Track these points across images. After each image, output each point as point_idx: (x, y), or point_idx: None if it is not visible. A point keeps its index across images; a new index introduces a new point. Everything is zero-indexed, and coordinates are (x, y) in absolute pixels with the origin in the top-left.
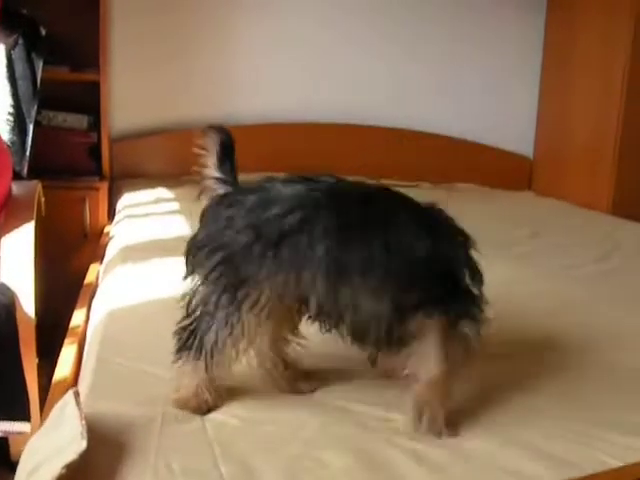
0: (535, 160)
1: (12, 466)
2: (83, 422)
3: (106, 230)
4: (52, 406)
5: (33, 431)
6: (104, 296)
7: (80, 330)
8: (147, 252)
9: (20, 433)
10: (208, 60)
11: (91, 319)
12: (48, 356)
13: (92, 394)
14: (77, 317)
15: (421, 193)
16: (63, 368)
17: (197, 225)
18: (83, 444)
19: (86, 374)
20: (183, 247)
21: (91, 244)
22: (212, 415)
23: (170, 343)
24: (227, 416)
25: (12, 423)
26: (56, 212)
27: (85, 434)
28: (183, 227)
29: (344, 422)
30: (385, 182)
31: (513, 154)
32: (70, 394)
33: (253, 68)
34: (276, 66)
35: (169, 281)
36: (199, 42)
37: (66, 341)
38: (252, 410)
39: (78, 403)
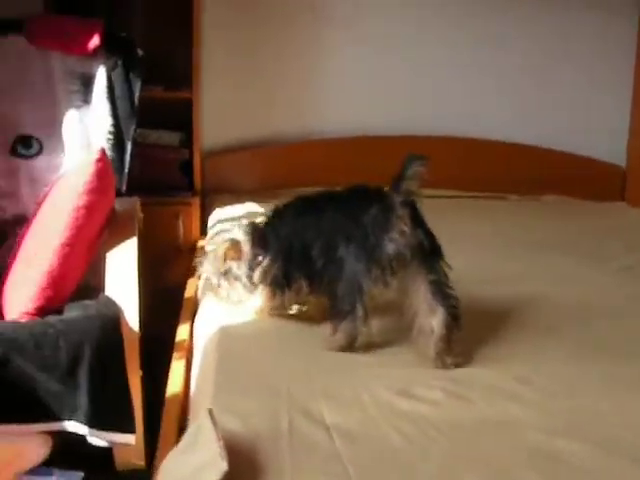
0: (628, 169)
1: (117, 476)
2: (221, 442)
3: (199, 244)
4: (168, 420)
5: (137, 443)
6: (210, 311)
7: (186, 345)
8: None
9: (125, 444)
10: (297, 74)
11: (198, 334)
12: (145, 368)
13: (216, 409)
14: (182, 331)
15: (508, 205)
16: (175, 382)
17: None
18: (224, 466)
19: (204, 388)
20: None
21: (184, 258)
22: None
23: (286, 356)
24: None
25: (118, 434)
26: (150, 227)
27: (224, 455)
28: None
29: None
30: (471, 194)
31: (605, 163)
32: (205, 414)
33: (343, 81)
34: (366, 78)
35: None
36: (288, 57)
37: (174, 355)
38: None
39: (214, 423)
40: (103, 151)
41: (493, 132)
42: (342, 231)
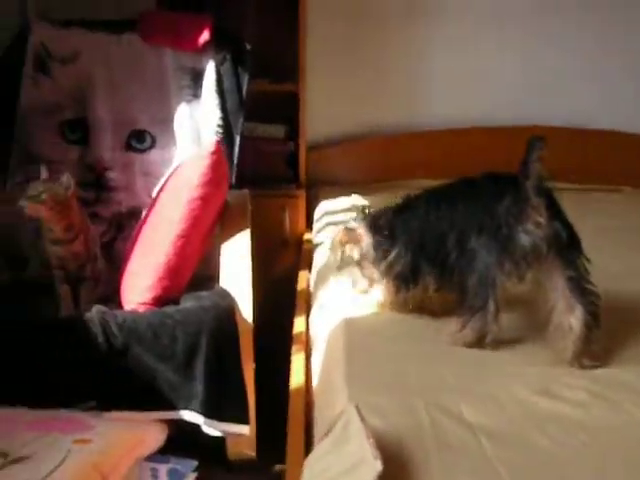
0: None
1: (228, 466)
2: (371, 440)
3: (306, 237)
4: (295, 413)
5: (250, 434)
6: (330, 305)
7: (304, 338)
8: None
9: (239, 435)
10: (401, 65)
11: (315, 326)
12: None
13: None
14: (298, 324)
15: (623, 198)
16: (297, 375)
17: None
18: (378, 465)
19: (334, 383)
20: None
21: (290, 251)
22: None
23: (414, 350)
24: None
25: (232, 425)
26: (257, 219)
27: (377, 454)
28: None
29: None
30: (584, 186)
31: None
32: (352, 410)
33: (447, 72)
34: (471, 68)
35: None
36: (392, 48)
37: (294, 348)
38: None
39: (362, 420)
40: (218, 143)
41: (609, 123)
42: (474, 222)
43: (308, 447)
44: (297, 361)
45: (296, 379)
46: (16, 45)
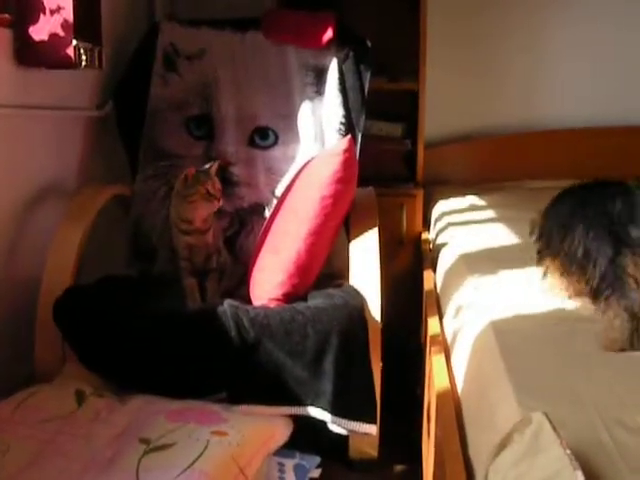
0: None
1: (349, 464)
2: (568, 451)
3: (424, 236)
4: (445, 417)
5: (376, 434)
6: (471, 308)
7: (441, 339)
8: (488, 262)
9: (365, 434)
10: (520, 65)
11: (460, 329)
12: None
13: (521, 412)
14: (432, 325)
15: None
16: (441, 377)
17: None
18: (580, 477)
19: (495, 389)
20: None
21: (407, 250)
22: None
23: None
24: None
25: (360, 424)
26: None
27: (577, 464)
28: (507, 236)
29: None
30: None
31: None
32: (543, 419)
33: (567, 72)
34: (591, 69)
35: (528, 293)
36: (511, 47)
37: (432, 350)
38: None
39: (554, 428)
40: (351, 141)
41: None
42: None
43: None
44: (438, 363)
45: (440, 383)
46: (146, 45)
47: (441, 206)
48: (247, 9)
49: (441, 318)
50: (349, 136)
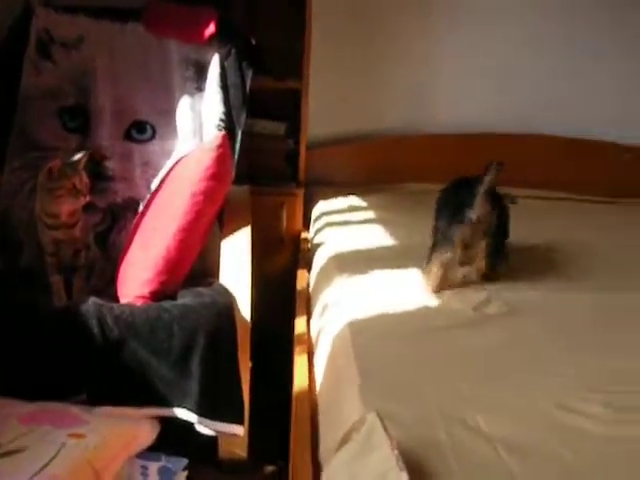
0: None
1: (218, 465)
2: (396, 452)
3: (303, 236)
4: (300, 417)
5: (244, 434)
6: (334, 308)
7: (306, 339)
8: (360, 263)
9: (233, 435)
10: (407, 68)
11: (322, 329)
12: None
13: (365, 411)
14: (299, 325)
15: (617, 210)
16: (301, 377)
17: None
18: (404, 477)
19: (345, 389)
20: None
21: (287, 249)
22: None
23: (426, 355)
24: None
25: (227, 424)
26: (254, 216)
27: (403, 466)
28: (384, 237)
29: None
30: (576, 197)
31: None
32: (375, 419)
33: (454, 76)
34: (478, 74)
35: (394, 294)
36: (399, 49)
37: (296, 349)
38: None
39: (385, 428)
40: (224, 137)
41: (606, 133)
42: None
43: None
44: (300, 363)
45: (299, 382)
46: (18, 29)
47: (321, 206)
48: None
49: (310, 318)
50: (223, 132)
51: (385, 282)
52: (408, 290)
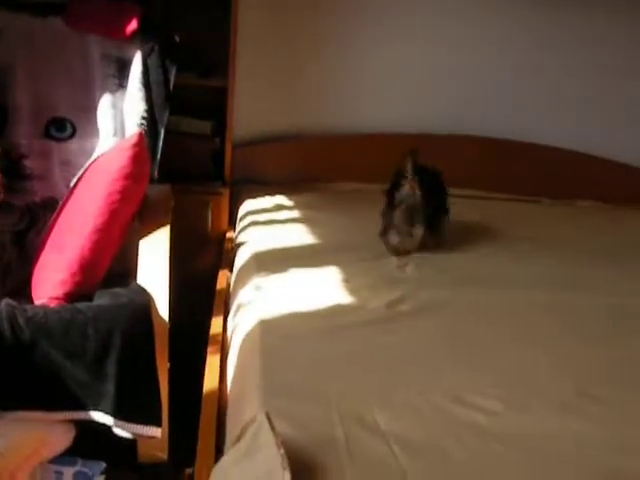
0: None
1: (138, 468)
2: (282, 451)
3: (228, 235)
4: (207, 417)
5: (162, 436)
6: (247, 307)
7: (220, 339)
8: (280, 261)
9: (151, 437)
10: (334, 67)
11: (235, 329)
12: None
13: (263, 411)
14: (215, 325)
15: (541, 209)
16: (212, 378)
17: (320, 232)
18: (287, 476)
19: (248, 388)
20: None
21: (212, 248)
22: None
23: (333, 355)
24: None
25: (144, 427)
26: (179, 216)
27: (286, 464)
28: (308, 236)
29: None
30: (504, 196)
31: (636, 168)
32: (263, 418)
33: (379, 77)
34: (402, 75)
35: (310, 292)
36: (325, 48)
37: (209, 350)
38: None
39: (273, 428)
40: (141, 135)
41: (530, 134)
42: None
43: (219, 452)
44: (212, 364)
45: (209, 382)
46: None
47: (248, 205)
48: None
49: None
50: (139, 131)
51: (302, 281)
52: (324, 288)
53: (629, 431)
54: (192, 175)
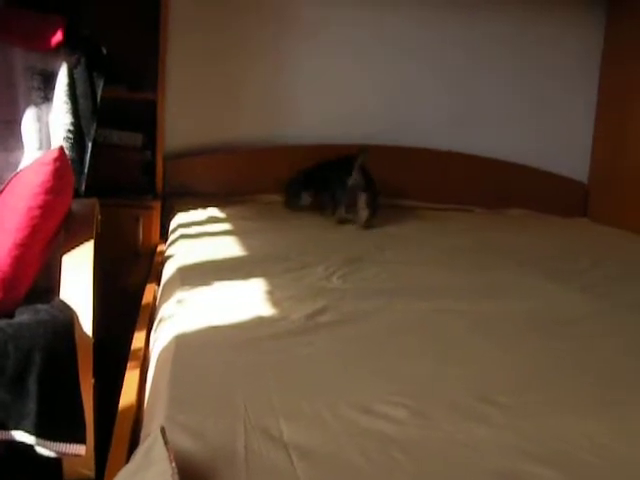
0: (590, 186)
1: None
2: (173, 464)
3: (159, 249)
4: (120, 433)
5: (88, 453)
6: (167, 321)
7: (142, 354)
8: (205, 274)
9: (75, 455)
10: (263, 80)
11: (154, 343)
12: (97, 375)
13: (169, 426)
14: (138, 340)
15: (474, 218)
16: (129, 393)
17: (249, 244)
18: None
19: (157, 402)
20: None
21: (143, 262)
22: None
23: (245, 369)
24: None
25: (68, 445)
26: (109, 229)
27: (177, 478)
28: (237, 248)
29: None
30: (437, 206)
31: (567, 179)
32: (157, 432)
33: (309, 89)
34: (332, 87)
35: (233, 305)
36: (255, 62)
37: (129, 365)
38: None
39: (166, 442)
40: (61, 150)
41: (460, 145)
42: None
43: None
44: (130, 379)
45: (125, 398)
46: None
47: (179, 218)
48: None
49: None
50: (60, 145)
51: (226, 293)
52: (247, 301)
53: (531, 437)
54: (123, 188)
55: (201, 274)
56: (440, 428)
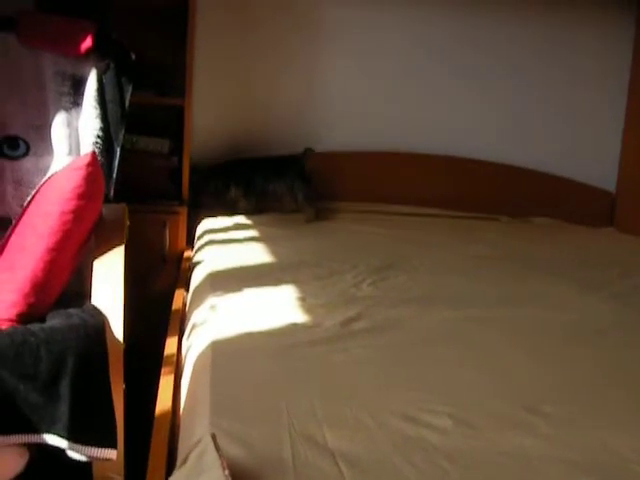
0: (618, 195)
1: None
2: (227, 472)
3: (186, 255)
4: (158, 439)
5: (118, 458)
6: (201, 327)
7: (175, 360)
8: (235, 280)
9: (106, 459)
10: (291, 85)
11: (188, 349)
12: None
13: (213, 430)
14: (170, 345)
15: (500, 226)
16: (164, 400)
17: (276, 250)
18: None
19: (198, 409)
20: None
21: (170, 268)
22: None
23: (284, 376)
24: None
25: (99, 449)
26: (137, 235)
27: None
28: (264, 254)
29: None
30: (464, 214)
31: (595, 188)
32: (208, 439)
33: (337, 95)
34: (362, 95)
35: (266, 311)
36: (283, 67)
37: (163, 371)
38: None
39: (218, 449)
40: (94, 155)
41: (487, 153)
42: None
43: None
44: (165, 385)
45: (162, 403)
46: None
47: (206, 224)
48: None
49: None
50: (92, 150)
51: (257, 300)
52: (279, 307)
53: (578, 447)
54: (150, 194)
55: (231, 280)
56: (485, 438)
